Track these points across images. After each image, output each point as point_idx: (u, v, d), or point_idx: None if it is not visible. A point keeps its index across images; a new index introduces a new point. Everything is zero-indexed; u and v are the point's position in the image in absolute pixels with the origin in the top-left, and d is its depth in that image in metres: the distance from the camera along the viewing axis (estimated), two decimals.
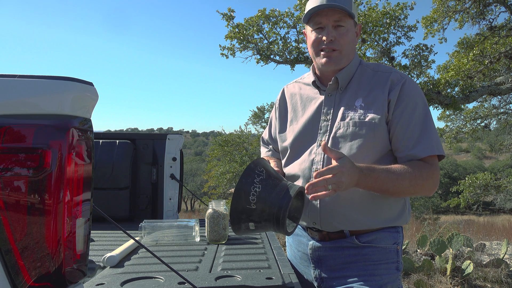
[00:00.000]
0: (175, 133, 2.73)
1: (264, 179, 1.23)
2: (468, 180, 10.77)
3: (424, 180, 1.36)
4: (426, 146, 1.38)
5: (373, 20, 8.25)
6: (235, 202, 1.22)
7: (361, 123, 1.40)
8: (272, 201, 1.21)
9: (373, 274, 1.42)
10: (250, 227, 1.27)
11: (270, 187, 1.23)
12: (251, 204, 1.20)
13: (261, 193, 1.21)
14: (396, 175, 1.33)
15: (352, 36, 1.47)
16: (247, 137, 19.21)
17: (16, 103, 0.79)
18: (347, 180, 1.23)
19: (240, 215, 1.23)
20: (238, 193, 1.21)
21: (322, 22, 1.44)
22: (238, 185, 1.22)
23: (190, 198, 30.34)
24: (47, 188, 0.76)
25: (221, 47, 9.22)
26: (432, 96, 8.09)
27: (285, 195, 1.22)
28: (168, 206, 2.64)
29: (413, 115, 1.40)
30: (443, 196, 29.82)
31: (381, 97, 1.42)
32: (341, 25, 1.43)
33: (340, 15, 1.42)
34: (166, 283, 1.20)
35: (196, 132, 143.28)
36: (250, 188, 1.21)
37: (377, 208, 1.43)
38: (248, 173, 1.23)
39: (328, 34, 1.43)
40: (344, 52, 1.46)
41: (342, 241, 1.45)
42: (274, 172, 1.31)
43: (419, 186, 1.36)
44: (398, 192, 1.37)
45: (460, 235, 4.50)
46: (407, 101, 1.41)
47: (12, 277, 0.75)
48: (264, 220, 1.23)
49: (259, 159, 1.33)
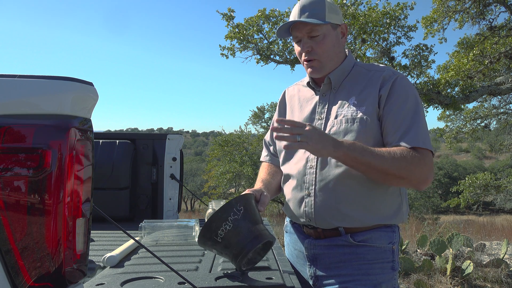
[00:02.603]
0: (175, 133, 2.73)
1: (238, 220, 1.27)
2: (468, 180, 10.77)
3: (409, 163, 1.32)
4: (412, 138, 1.37)
5: (373, 20, 8.25)
6: (205, 229, 1.27)
7: (353, 119, 1.42)
8: (237, 242, 1.26)
9: (367, 274, 1.42)
10: (213, 252, 1.35)
11: (240, 229, 1.27)
12: (217, 237, 1.26)
13: (229, 232, 1.25)
14: (376, 150, 1.33)
15: (332, 40, 1.49)
16: (247, 137, 19.22)
17: (16, 103, 0.79)
18: (316, 137, 1.26)
19: (206, 240, 1.29)
20: (209, 223, 1.26)
21: (298, 36, 1.50)
22: (213, 216, 1.26)
23: (190, 198, 30.35)
24: (47, 188, 0.76)
25: (221, 47, 9.23)
26: (432, 96, 8.10)
27: (251, 241, 1.26)
28: (168, 206, 2.65)
29: (403, 108, 1.40)
30: (443, 196, 29.84)
31: (372, 94, 1.44)
32: (315, 35, 1.46)
33: (311, 25, 1.45)
34: (166, 283, 1.20)
35: (196, 132, 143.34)
36: (221, 224, 1.25)
37: (372, 205, 1.43)
38: (226, 208, 1.27)
39: (303, 46, 1.48)
40: (324, 59, 1.49)
41: (337, 239, 1.46)
42: (252, 214, 1.33)
43: (404, 168, 1.32)
44: (380, 167, 1.32)
45: (460, 235, 4.51)
46: (397, 95, 1.41)
47: (12, 277, 0.75)
48: (225, 254, 1.30)
49: (245, 195, 1.36)
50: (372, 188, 1.43)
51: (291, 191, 1.54)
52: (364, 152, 1.31)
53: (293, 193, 1.53)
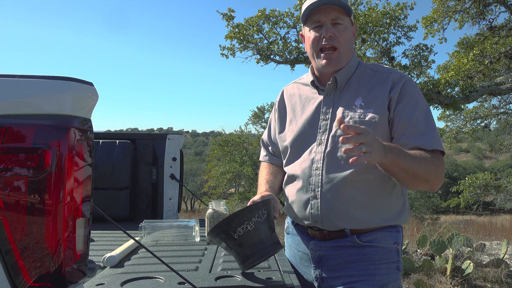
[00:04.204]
0: (175, 133, 2.74)
1: (260, 223, 1.28)
2: (468, 180, 10.77)
3: (436, 166, 1.34)
4: (430, 140, 1.38)
5: (373, 20, 8.25)
6: (226, 222, 1.27)
7: (361, 122, 1.40)
8: (253, 244, 1.26)
9: (374, 274, 1.42)
10: (221, 245, 1.33)
11: (260, 232, 1.28)
12: (235, 234, 1.26)
13: (249, 232, 1.26)
14: (413, 154, 1.31)
15: (350, 34, 1.49)
16: (247, 137, 19.20)
17: (16, 103, 0.79)
18: (376, 144, 1.15)
19: (221, 232, 1.28)
20: (232, 218, 1.26)
21: (321, 20, 1.45)
22: (238, 212, 1.27)
23: (190, 198, 30.34)
24: (47, 188, 0.76)
25: (221, 47, 9.22)
26: (432, 96, 8.09)
27: (267, 246, 1.27)
28: (168, 206, 2.65)
29: (415, 110, 1.40)
30: (443, 196, 29.81)
31: (381, 96, 1.43)
32: (339, 23, 1.44)
33: (338, 13, 1.44)
34: (166, 283, 1.20)
35: (196, 132, 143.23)
36: (244, 222, 1.26)
37: (378, 206, 1.43)
38: (252, 209, 1.28)
39: (327, 31, 1.44)
40: (343, 51, 1.47)
41: (343, 240, 1.45)
42: (272, 220, 1.35)
43: (433, 171, 1.34)
44: (416, 172, 1.30)
45: (460, 235, 4.50)
46: (408, 98, 1.41)
47: (12, 277, 0.75)
48: (234, 251, 1.29)
49: (268, 201, 1.35)
50: (378, 189, 1.42)
51: (295, 193, 1.52)
52: (406, 156, 1.27)
53: (298, 195, 1.51)
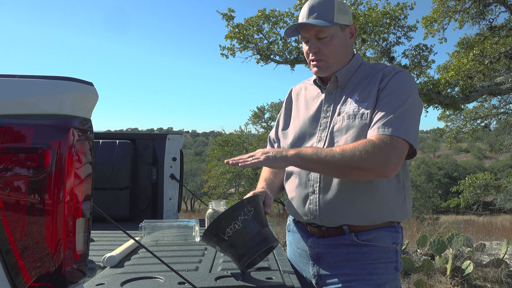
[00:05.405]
0: (175, 133, 2.74)
1: (248, 220, 1.28)
2: (468, 180, 10.76)
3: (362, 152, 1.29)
4: (387, 125, 1.33)
5: (373, 20, 8.25)
6: (214, 224, 1.27)
7: (354, 116, 1.43)
8: (244, 242, 1.27)
9: (371, 273, 1.42)
10: (216, 249, 1.35)
11: (249, 230, 1.28)
12: (225, 235, 1.26)
13: (238, 232, 1.26)
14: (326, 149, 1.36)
15: (339, 41, 1.49)
16: (247, 137, 19.22)
17: (16, 103, 0.79)
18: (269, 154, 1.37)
19: (212, 236, 1.29)
20: (219, 220, 1.26)
21: (306, 36, 1.50)
22: (224, 213, 1.27)
23: (190, 198, 30.36)
24: (47, 188, 0.76)
25: (221, 47, 9.21)
26: (432, 96, 8.09)
27: (258, 243, 1.27)
28: (168, 206, 2.65)
29: (393, 100, 1.38)
30: (443, 196, 29.84)
31: (374, 90, 1.44)
32: (322, 37, 1.46)
33: (318, 27, 1.45)
34: (166, 283, 1.20)
35: (196, 132, 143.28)
36: (231, 222, 1.26)
37: (377, 201, 1.43)
38: (237, 208, 1.28)
39: (311, 47, 1.49)
40: (331, 60, 1.49)
41: (341, 238, 1.46)
42: (261, 216, 1.35)
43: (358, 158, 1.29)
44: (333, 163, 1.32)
45: (460, 235, 4.50)
46: (393, 88, 1.40)
47: (12, 277, 0.75)
48: (229, 252, 1.30)
49: (255, 196, 1.36)
50: (376, 184, 1.42)
51: (294, 189, 1.54)
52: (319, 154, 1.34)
53: (297, 191, 1.53)
